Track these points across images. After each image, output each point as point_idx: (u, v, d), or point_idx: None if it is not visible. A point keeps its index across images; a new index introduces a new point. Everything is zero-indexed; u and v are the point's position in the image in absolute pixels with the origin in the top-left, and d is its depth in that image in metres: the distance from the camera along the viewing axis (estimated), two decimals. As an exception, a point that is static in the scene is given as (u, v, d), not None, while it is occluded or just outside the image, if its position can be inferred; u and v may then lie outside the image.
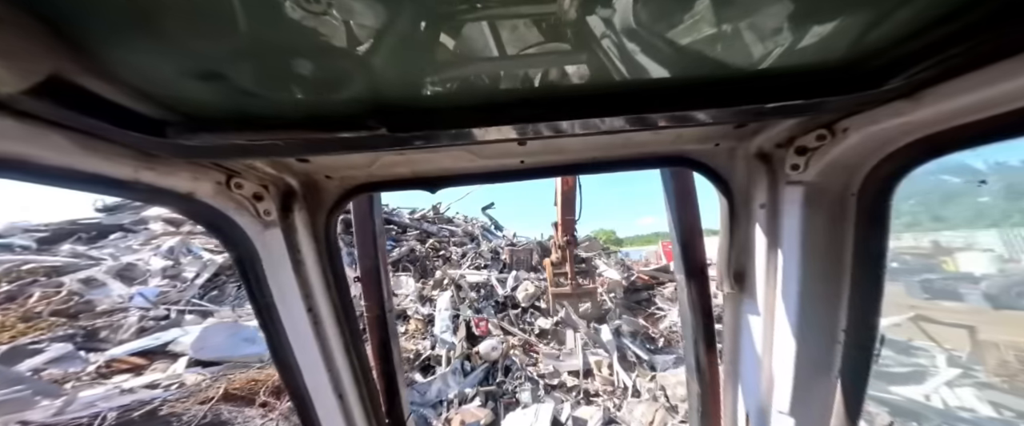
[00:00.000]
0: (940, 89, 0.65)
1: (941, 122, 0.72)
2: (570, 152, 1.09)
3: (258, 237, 1.00)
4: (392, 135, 0.70)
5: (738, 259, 1.19)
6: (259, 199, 0.97)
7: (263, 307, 1.04)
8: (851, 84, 0.67)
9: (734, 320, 1.26)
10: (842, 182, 0.95)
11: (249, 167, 0.93)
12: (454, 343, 6.92)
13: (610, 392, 6.33)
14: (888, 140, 0.83)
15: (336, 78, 0.67)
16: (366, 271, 1.78)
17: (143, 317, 6.60)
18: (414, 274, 9.06)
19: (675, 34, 0.61)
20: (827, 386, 1.07)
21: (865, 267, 0.97)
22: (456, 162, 1.10)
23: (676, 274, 1.57)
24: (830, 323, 1.04)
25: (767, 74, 0.68)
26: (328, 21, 0.55)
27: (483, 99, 0.76)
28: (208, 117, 0.67)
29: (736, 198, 1.15)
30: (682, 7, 0.58)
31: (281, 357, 1.10)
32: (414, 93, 0.73)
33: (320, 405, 1.18)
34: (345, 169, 1.11)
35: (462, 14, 0.63)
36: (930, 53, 0.59)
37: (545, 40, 0.72)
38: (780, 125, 0.95)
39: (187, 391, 4.73)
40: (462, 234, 12.06)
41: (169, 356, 5.71)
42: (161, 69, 0.58)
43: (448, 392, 6.08)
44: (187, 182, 0.83)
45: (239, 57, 0.58)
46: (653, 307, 8.89)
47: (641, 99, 0.71)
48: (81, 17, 0.47)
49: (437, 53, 0.67)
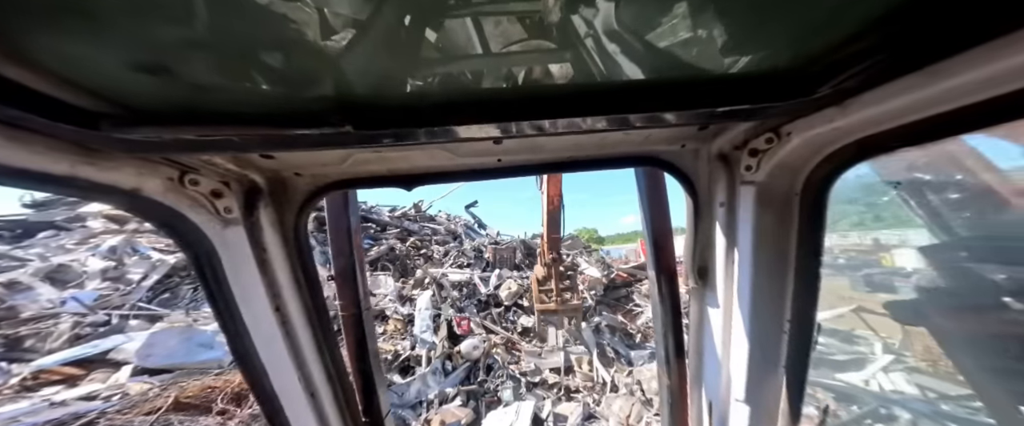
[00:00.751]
0: (863, 98, 0.71)
1: (865, 128, 0.78)
2: (546, 151, 1.10)
3: (217, 235, 0.95)
4: (359, 133, 0.68)
5: (701, 255, 1.24)
6: (218, 196, 0.93)
7: (223, 307, 0.99)
8: (790, 91, 0.72)
9: (698, 314, 1.32)
10: (788, 182, 1.02)
11: (207, 163, 0.88)
12: (434, 343, 6.75)
13: (590, 388, 6.40)
14: (824, 144, 0.90)
15: (298, 72, 0.63)
16: (341, 270, 1.72)
17: (78, 323, 5.88)
18: (394, 273, 8.76)
19: (642, 39, 0.63)
20: (776, 374, 1.15)
21: (806, 262, 1.05)
22: (433, 160, 1.08)
23: (648, 271, 1.64)
24: (777, 315, 1.11)
25: (723, 79, 0.72)
26: (287, 12, 0.52)
27: (455, 98, 0.76)
28: (153, 110, 0.62)
29: (700, 197, 1.20)
30: (647, 15, 0.61)
31: (244, 358, 1.06)
32: (382, 90, 0.71)
33: (290, 405, 1.13)
34: (316, 166, 1.07)
35: (433, 12, 0.61)
36: (851, 64, 0.64)
37: (517, 40, 0.74)
38: (736, 128, 1.00)
39: (131, 401, 4.25)
40: (445, 232, 11.83)
41: (110, 365, 5.12)
42: (96, 59, 0.54)
43: (428, 392, 5.91)
44: (132, 178, 0.77)
45: (186, 48, 0.54)
46: (631, 303, 9.14)
47: (610, 99, 0.73)
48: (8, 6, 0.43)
49: (407, 50, 0.65)
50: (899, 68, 0.61)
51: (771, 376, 1.16)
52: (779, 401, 1.16)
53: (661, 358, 1.58)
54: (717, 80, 0.73)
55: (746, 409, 1.20)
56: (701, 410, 1.39)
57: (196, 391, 4.50)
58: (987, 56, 0.52)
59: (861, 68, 0.63)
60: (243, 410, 4.39)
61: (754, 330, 1.13)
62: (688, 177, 1.20)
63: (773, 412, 1.18)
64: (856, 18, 0.56)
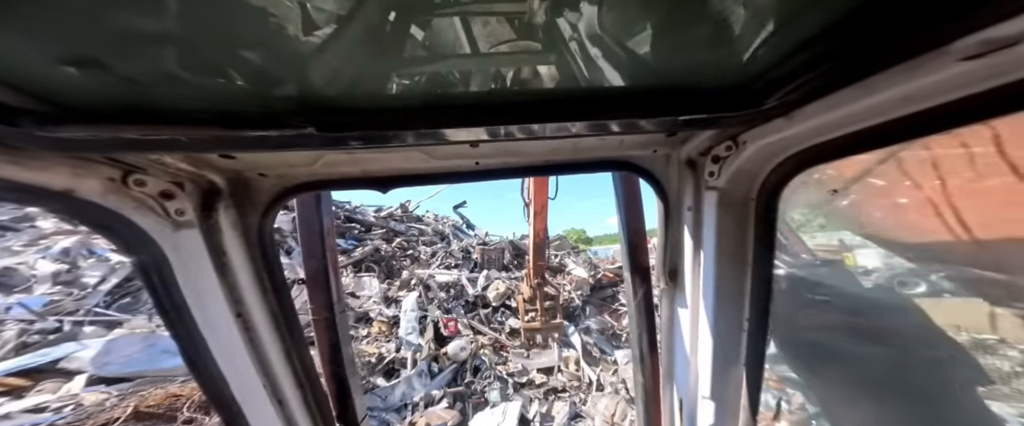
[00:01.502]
0: (804, 110, 0.75)
1: (809, 138, 0.83)
2: (524, 155, 1.12)
3: (166, 239, 0.89)
4: (323, 135, 0.65)
5: (672, 257, 1.29)
6: (169, 197, 0.88)
7: (173, 314, 0.94)
8: (743, 102, 0.75)
9: (669, 314, 1.36)
10: (745, 188, 1.07)
11: (156, 162, 0.82)
12: (420, 344, 6.59)
13: (576, 387, 6.41)
14: (774, 153, 0.95)
15: (255, 69, 0.60)
16: (312, 273, 1.67)
17: (25, 331, 5.37)
18: (379, 274, 8.51)
19: (613, 47, 0.65)
20: (737, 370, 1.20)
21: (762, 263, 1.10)
22: (408, 162, 1.06)
23: (624, 272, 1.68)
24: (738, 314, 1.16)
25: (687, 88, 0.75)
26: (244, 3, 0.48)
27: (427, 101, 0.74)
28: (88, 107, 0.58)
29: (670, 201, 1.24)
30: (617, 24, 0.62)
31: (199, 366, 1.00)
32: (349, 91, 0.68)
33: (254, 413, 1.10)
34: (282, 167, 1.02)
35: (404, 11, 0.60)
36: (795, 77, 0.67)
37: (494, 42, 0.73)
38: (702, 135, 1.04)
39: (85, 412, 3.90)
40: (432, 233, 11.62)
41: (61, 374, 4.70)
42: (15, 51, 0.48)
43: (413, 395, 5.77)
44: (64, 178, 0.71)
45: (121, 40, 0.49)
46: (617, 303, 9.25)
47: (585, 105, 0.74)
48: None
49: (376, 50, 0.63)
50: (837, 81, 0.64)
51: (733, 373, 1.21)
52: (740, 397, 1.21)
53: (636, 357, 1.62)
54: (682, 89, 0.75)
55: (711, 405, 1.24)
56: (673, 407, 1.42)
57: (159, 400, 4.19)
58: (909, 73, 0.55)
59: (803, 81, 0.66)
60: (211, 418, 4.11)
61: (718, 329, 1.18)
62: (659, 182, 1.24)
63: (735, 407, 1.23)
64: (799, 33, 0.59)
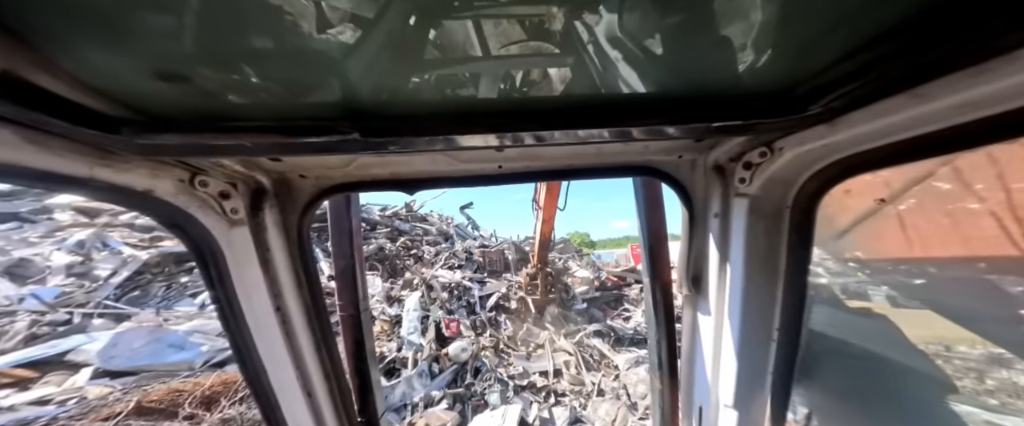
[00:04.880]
0: (851, 116, 0.73)
1: (853, 146, 0.81)
2: (546, 159, 1.13)
3: (223, 235, 0.97)
4: (365, 140, 0.70)
5: (695, 264, 1.27)
6: (226, 197, 0.95)
7: (226, 306, 1.01)
8: (782, 108, 0.74)
9: (690, 320, 1.34)
10: (779, 196, 1.04)
11: (216, 164, 0.90)
12: (422, 344, 6.56)
13: (577, 391, 6.31)
14: (814, 160, 0.93)
15: (308, 81, 0.66)
16: (341, 271, 1.74)
17: (36, 322, 5.49)
18: (382, 273, 8.53)
19: (643, 53, 0.66)
20: (763, 382, 1.18)
21: (796, 273, 1.08)
22: (434, 165, 1.10)
23: (643, 277, 1.67)
24: (767, 324, 1.14)
25: (719, 94, 0.75)
26: (299, 22, 0.54)
27: (460, 107, 0.77)
28: (170, 116, 0.65)
29: (695, 207, 1.22)
30: (648, 30, 0.63)
31: (245, 356, 1.07)
32: (390, 99, 0.73)
33: (287, 404, 1.15)
34: (320, 169, 1.09)
35: (441, 22, 0.64)
36: (839, 85, 0.66)
37: (522, 52, 0.74)
38: (732, 141, 1.02)
39: (88, 406, 3.96)
40: (436, 233, 11.63)
41: (68, 367, 4.78)
42: (119, 68, 0.57)
43: (413, 395, 5.75)
44: (145, 179, 0.80)
45: (203, 58, 0.57)
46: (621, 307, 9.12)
47: (611, 112, 0.75)
48: (34, 15, 0.47)
49: (415, 60, 0.67)
50: (887, 89, 0.63)
51: (759, 383, 1.18)
52: (765, 408, 1.19)
53: (654, 364, 1.59)
54: (714, 95, 0.74)
55: (734, 414, 1.22)
56: (691, 415, 1.40)
57: (161, 395, 4.22)
58: (971, 79, 0.53)
59: (850, 88, 0.65)
60: (213, 414, 4.13)
61: (743, 338, 1.15)
62: (684, 188, 1.22)
63: (760, 418, 1.20)
64: (846, 39, 0.58)
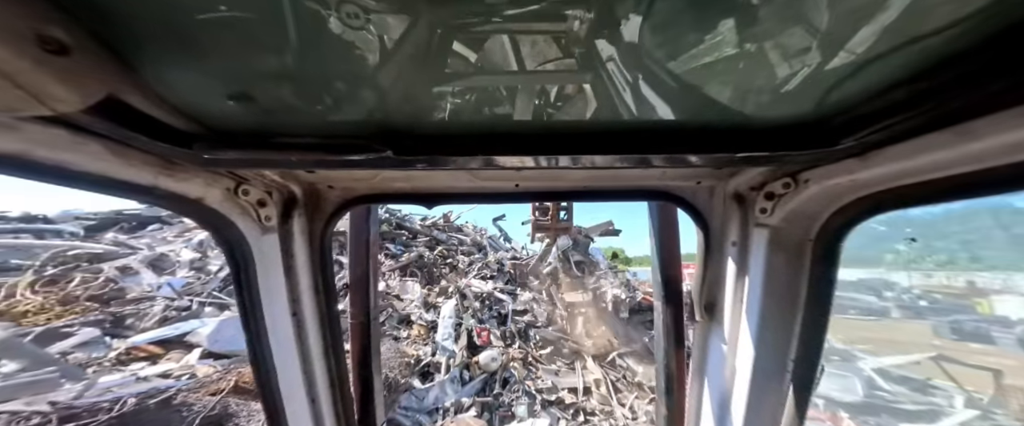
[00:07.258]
0: (884, 152, 0.71)
1: (884, 181, 0.79)
2: (563, 180, 1.15)
3: (256, 241, 1.03)
4: (397, 158, 0.74)
5: (710, 291, 1.25)
6: (262, 205, 1.01)
7: (249, 309, 1.07)
8: (811, 140, 0.72)
9: (702, 347, 1.31)
10: (802, 228, 1.01)
11: (258, 175, 0.97)
12: (454, 351, 6.95)
13: (607, 412, 6.18)
14: (841, 193, 0.90)
15: (352, 103, 0.72)
16: (356, 278, 1.80)
17: (167, 307, 7.02)
18: (420, 280, 9.20)
19: (669, 83, 0.67)
20: (776, 412, 1.14)
21: (815, 306, 1.04)
22: (454, 181, 1.16)
23: (655, 302, 1.64)
24: (782, 356, 1.11)
25: (745, 124, 0.74)
26: (352, 51, 0.59)
27: (487, 129, 0.80)
28: (230, 131, 0.71)
29: (712, 234, 1.21)
30: (674, 59, 0.64)
31: (258, 357, 1.11)
32: (420, 120, 0.78)
33: (291, 407, 1.18)
34: (348, 180, 1.15)
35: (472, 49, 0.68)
36: (876, 119, 0.64)
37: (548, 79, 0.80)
38: (754, 170, 1.02)
39: (199, 382, 4.96)
40: (470, 243, 12.14)
41: (184, 346, 6.02)
42: (200, 88, 0.63)
43: (445, 400, 6.09)
44: (199, 188, 0.87)
45: (268, 80, 0.63)
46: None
47: (635, 138, 0.76)
48: (139, 42, 0.52)
49: (446, 84, 0.73)
50: (932, 124, 0.61)
51: (771, 415, 1.15)
52: None
53: (661, 389, 1.56)
54: (739, 125, 0.74)
55: None
56: None
57: (251, 377, 5.10)
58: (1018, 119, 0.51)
59: (886, 123, 0.63)
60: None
61: (758, 368, 1.12)
62: (701, 214, 1.21)
63: None
64: (883, 75, 0.57)
